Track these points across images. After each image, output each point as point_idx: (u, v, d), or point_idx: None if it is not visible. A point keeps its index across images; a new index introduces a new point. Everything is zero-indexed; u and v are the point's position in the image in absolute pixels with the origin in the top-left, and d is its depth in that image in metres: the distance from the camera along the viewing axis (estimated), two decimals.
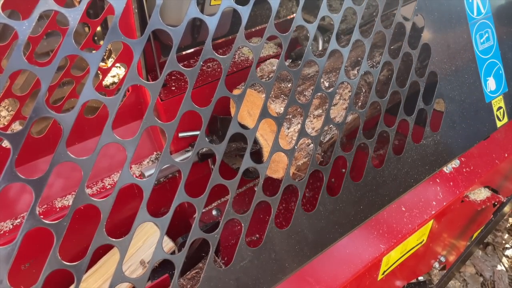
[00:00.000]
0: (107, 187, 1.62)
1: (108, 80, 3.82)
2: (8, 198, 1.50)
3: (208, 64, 1.78)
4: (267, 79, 1.39)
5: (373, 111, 1.52)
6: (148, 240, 1.58)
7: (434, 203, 1.49)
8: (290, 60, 1.92)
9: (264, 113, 0.96)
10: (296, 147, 1.02)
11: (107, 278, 1.53)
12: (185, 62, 1.79)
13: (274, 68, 1.47)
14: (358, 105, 1.43)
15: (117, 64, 1.69)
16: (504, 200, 1.67)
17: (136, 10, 1.36)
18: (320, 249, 1.10)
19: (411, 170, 1.27)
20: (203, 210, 1.61)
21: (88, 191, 1.58)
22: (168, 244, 1.61)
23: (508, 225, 2.86)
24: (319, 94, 1.37)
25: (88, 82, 0.73)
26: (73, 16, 0.71)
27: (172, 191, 1.68)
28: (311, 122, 1.33)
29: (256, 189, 0.97)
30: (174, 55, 0.81)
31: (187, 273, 1.49)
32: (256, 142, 1.38)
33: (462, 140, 1.40)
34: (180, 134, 1.59)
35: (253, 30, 2.02)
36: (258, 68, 1.51)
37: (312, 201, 1.14)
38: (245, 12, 0.90)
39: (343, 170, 1.15)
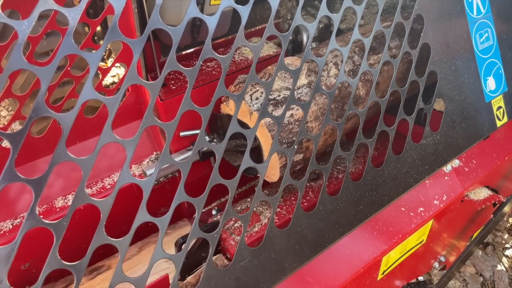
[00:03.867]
0: (107, 187, 1.62)
1: (108, 80, 3.83)
2: (8, 198, 1.49)
3: (208, 64, 1.78)
4: (267, 78, 1.39)
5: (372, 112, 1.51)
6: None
7: (434, 203, 1.49)
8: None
9: (264, 113, 0.96)
10: (295, 147, 1.02)
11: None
12: (185, 62, 1.79)
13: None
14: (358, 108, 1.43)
15: (117, 64, 1.69)
16: (504, 200, 1.67)
17: (136, 10, 1.36)
18: (320, 249, 1.10)
19: (411, 170, 1.27)
20: (203, 210, 1.61)
21: (88, 191, 1.58)
22: None
23: (508, 225, 2.87)
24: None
25: (88, 82, 0.73)
26: (73, 15, 0.71)
27: (172, 191, 1.68)
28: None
29: (256, 188, 0.97)
30: (174, 54, 0.81)
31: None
32: (255, 138, 1.37)
33: (462, 140, 1.40)
34: (182, 133, 1.59)
35: (253, 30, 2.02)
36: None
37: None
38: (245, 12, 0.90)
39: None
